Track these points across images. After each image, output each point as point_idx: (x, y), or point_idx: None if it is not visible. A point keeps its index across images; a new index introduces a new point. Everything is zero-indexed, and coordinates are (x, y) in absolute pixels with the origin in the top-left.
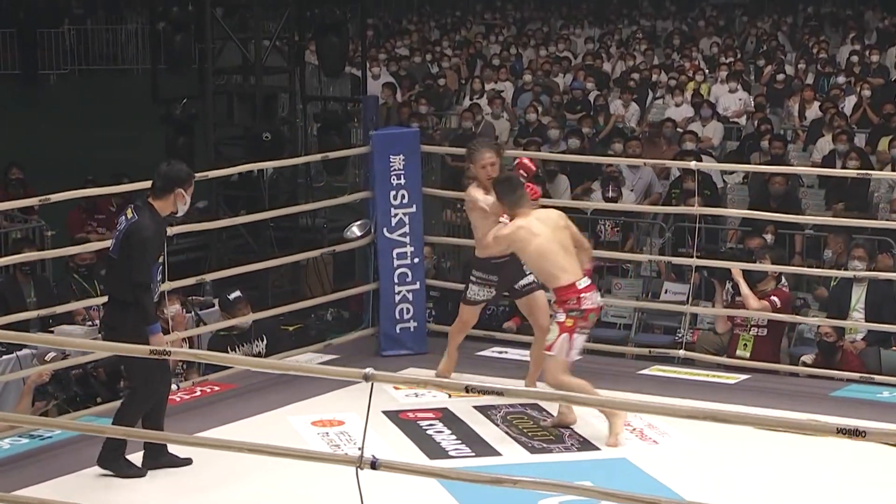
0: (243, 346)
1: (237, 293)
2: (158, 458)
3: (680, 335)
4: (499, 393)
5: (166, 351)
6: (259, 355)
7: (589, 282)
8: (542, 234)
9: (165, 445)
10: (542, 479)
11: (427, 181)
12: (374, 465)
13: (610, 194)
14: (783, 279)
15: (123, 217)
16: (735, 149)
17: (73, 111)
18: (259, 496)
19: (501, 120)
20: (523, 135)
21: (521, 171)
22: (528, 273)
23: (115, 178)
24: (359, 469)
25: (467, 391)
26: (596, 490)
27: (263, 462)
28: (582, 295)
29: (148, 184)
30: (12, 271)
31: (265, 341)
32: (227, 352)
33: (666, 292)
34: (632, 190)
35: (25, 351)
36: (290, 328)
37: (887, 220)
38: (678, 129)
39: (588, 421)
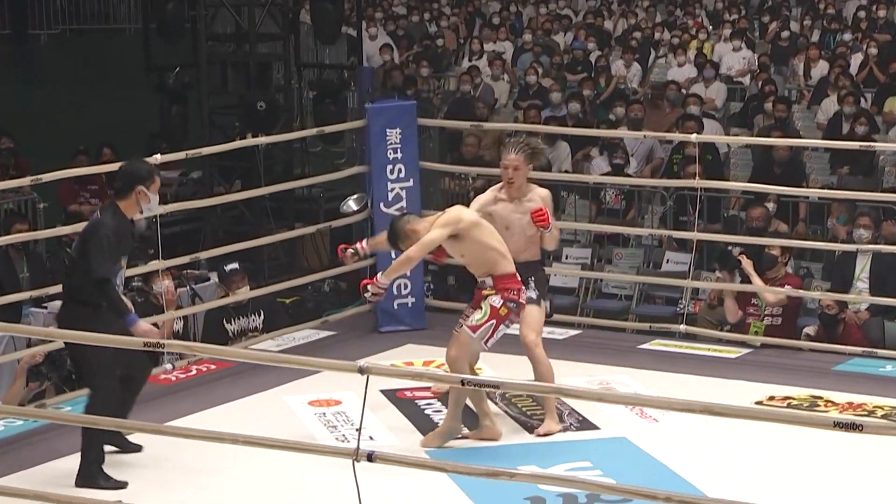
0: (240, 319)
1: (234, 265)
2: (111, 440)
3: (682, 306)
4: (495, 386)
5: (160, 343)
6: (256, 330)
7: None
8: (482, 221)
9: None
10: (539, 472)
11: (425, 147)
12: (371, 457)
13: (616, 161)
14: (790, 259)
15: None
16: (738, 111)
17: (64, 72)
18: (252, 482)
19: (501, 82)
20: (523, 97)
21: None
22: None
23: (106, 148)
24: (355, 462)
25: (463, 385)
26: (594, 483)
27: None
28: (521, 288)
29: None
30: (4, 247)
31: (262, 316)
32: (223, 325)
33: (668, 262)
34: (632, 155)
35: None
36: (287, 301)
37: (893, 185)
38: (681, 91)
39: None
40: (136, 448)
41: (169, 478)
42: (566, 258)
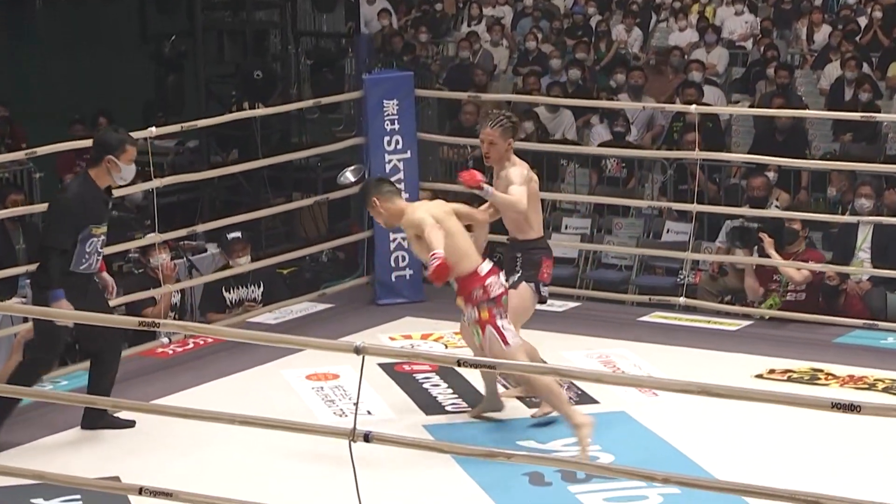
0: (239, 288)
1: (237, 234)
2: (98, 420)
3: (682, 277)
4: (491, 367)
5: (155, 322)
6: (255, 301)
7: (490, 265)
8: (439, 218)
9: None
10: (538, 447)
11: (423, 115)
12: (367, 437)
13: (616, 129)
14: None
15: None
16: (740, 76)
17: (60, 40)
18: (248, 458)
19: (500, 48)
20: (523, 63)
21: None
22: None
23: (102, 117)
24: (351, 442)
25: (459, 365)
26: (592, 465)
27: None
28: (486, 282)
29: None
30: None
31: (262, 287)
32: (222, 294)
33: (668, 232)
34: (633, 123)
35: (16, 299)
36: (285, 271)
37: None
38: (684, 57)
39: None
40: (129, 424)
41: (163, 453)
42: (566, 228)
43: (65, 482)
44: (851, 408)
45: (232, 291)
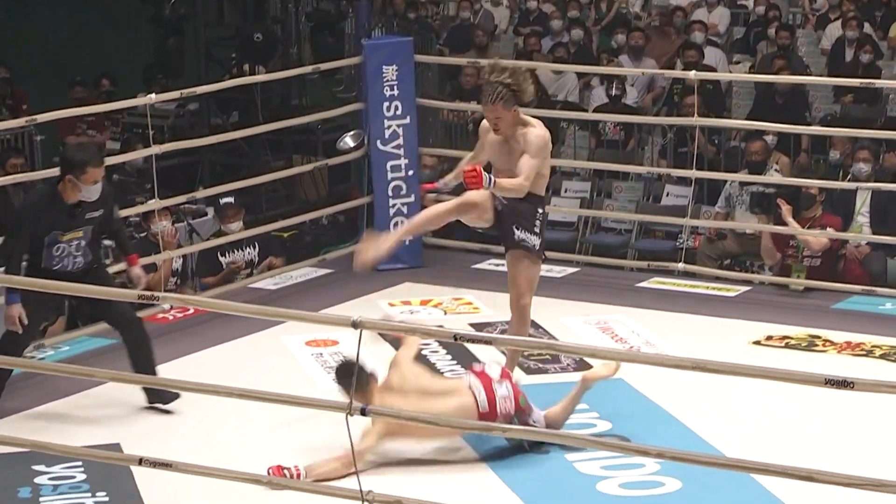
0: (234, 252)
1: (229, 199)
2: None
3: (681, 241)
4: (488, 342)
5: (154, 296)
6: (251, 262)
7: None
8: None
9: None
10: (534, 428)
11: (423, 77)
12: (364, 411)
13: (614, 92)
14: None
15: None
16: (741, 36)
17: (61, 1)
18: (245, 425)
19: (501, 8)
20: (523, 23)
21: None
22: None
23: (104, 79)
24: (348, 416)
25: (455, 340)
26: (583, 438)
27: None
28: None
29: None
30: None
31: (256, 249)
32: (217, 258)
33: (668, 195)
34: (632, 85)
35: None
36: (285, 235)
37: None
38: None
39: (589, 341)
40: (175, 396)
41: (164, 420)
42: (565, 192)
43: (64, 452)
44: (844, 384)
45: (227, 255)
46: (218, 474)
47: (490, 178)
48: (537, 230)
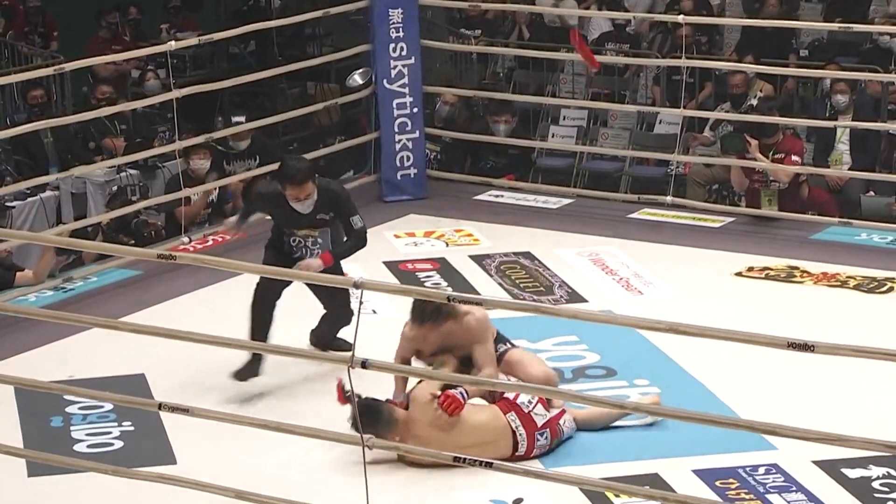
0: (237, 161)
1: (240, 118)
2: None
3: (672, 167)
4: (478, 303)
5: (172, 256)
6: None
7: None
8: None
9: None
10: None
11: (423, 16)
12: (365, 364)
13: (616, 21)
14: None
15: None
16: None
17: None
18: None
19: None
20: None
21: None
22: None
23: (132, 7)
24: (350, 368)
25: (449, 300)
26: (566, 392)
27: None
28: None
29: None
30: (28, 115)
31: (257, 161)
32: (224, 167)
33: (660, 122)
34: (634, 6)
35: (48, 194)
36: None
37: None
38: None
39: (580, 273)
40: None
41: (183, 349)
42: (563, 119)
43: (88, 396)
44: (805, 347)
45: (232, 164)
46: (229, 419)
47: (463, 394)
48: None
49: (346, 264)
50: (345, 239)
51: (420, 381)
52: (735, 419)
